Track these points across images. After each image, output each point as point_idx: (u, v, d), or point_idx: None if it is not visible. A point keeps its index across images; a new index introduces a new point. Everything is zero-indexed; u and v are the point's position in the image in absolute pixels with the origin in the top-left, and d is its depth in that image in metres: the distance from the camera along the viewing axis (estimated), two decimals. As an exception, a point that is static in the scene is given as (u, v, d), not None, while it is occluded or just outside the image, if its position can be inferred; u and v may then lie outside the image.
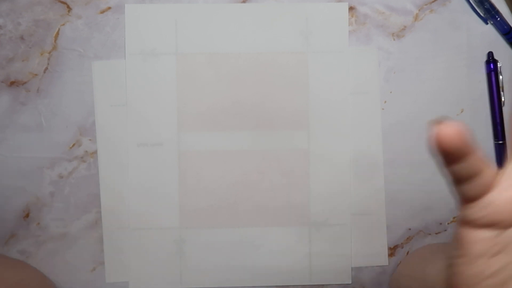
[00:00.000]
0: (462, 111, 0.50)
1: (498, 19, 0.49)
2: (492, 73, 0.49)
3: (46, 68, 0.49)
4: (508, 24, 0.49)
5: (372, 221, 0.50)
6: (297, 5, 0.49)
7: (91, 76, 0.49)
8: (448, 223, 0.50)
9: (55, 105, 0.49)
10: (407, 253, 0.50)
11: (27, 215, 0.49)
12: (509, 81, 0.50)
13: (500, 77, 0.49)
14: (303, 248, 0.49)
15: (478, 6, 0.49)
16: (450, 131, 0.25)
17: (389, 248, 0.50)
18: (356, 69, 0.50)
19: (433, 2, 0.50)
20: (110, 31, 0.49)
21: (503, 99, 0.49)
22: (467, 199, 0.27)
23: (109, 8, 0.49)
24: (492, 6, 0.49)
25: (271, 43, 0.49)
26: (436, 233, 0.50)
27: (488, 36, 0.50)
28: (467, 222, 0.28)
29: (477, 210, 0.27)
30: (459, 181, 0.27)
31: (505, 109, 0.49)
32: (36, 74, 0.49)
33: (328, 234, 0.50)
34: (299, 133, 0.49)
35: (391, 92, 0.50)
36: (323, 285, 0.50)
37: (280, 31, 0.49)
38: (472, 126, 0.50)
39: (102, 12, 0.49)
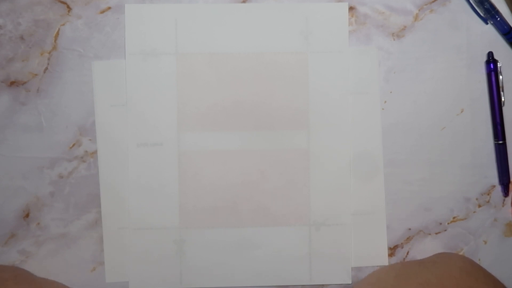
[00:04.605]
0: (462, 111, 0.50)
1: (498, 19, 0.49)
2: (492, 73, 0.49)
3: (46, 68, 0.49)
4: (508, 24, 0.49)
5: (372, 221, 0.50)
6: (297, 5, 0.49)
7: (91, 76, 0.49)
8: (448, 223, 0.50)
9: (55, 105, 0.49)
10: (407, 253, 0.50)
11: (27, 215, 0.49)
12: (509, 81, 0.50)
13: (500, 77, 0.49)
14: (303, 248, 0.49)
15: (478, 6, 0.49)
16: None
17: (389, 248, 0.50)
18: (356, 69, 0.50)
19: (433, 2, 0.50)
20: (110, 31, 0.49)
21: (503, 99, 0.49)
22: None
23: (109, 8, 0.49)
24: (492, 6, 0.49)
25: (271, 43, 0.49)
26: (436, 233, 0.50)
27: (488, 36, 0.50)
28: None
29: None
30: None
31: (505, 109, 0.49)
32: (36, 74, 0.49)
33: (328, 234, 0.50)
34: (299, 133, 0.49)
35: (391, 92, 0.50)
36: (323, 285, 0.50)
37: (280, 31, 0.49)
38: (472, 126, 0.50)
39: (102, 12, 0.49)
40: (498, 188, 0.50)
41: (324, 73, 0.49)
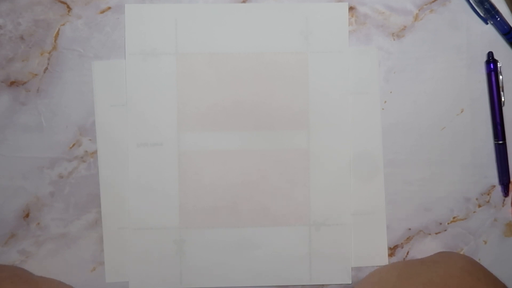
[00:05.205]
0: (462, 111, 0.50)
1: (498, 19, 0.49)
2: (492, 73, 0.49)
3: (46, 68, 0.49)
4: (508, 24, 0.49)
5: (372, 221, 0.50)
6: (297, 5, 0.49)
7: (91, 76, 0.49)
8: (448, 223, 0.50)
9: (55, 105, 0.49)
10: (407, 253, 0.50)
11: (27, 215, 0.49)
12: (509, 81, 0.50)
13: (500, 77, 0.49)
14: (303, 248, 0.49)
15: (478, 6, 0.49)
16: None
17: (389, 248, 0.50)
18: (356, 69, 0.50)
19: (433, 2, 0.50)
20: (110, 31, 0.49)
21: (503, 99, 0.49)
22: None
23: (109, 8, 0.49)
24: (492, 6, 0.49)
25: (271, 43, 0.49)
26: (436, 233, 0.50)
27: (488, 36, 0.50)
28: None
29: None
30: None
31: (505, 109, 0.49)
32: (36, 74, 0.49)
33: (328, 234, 0.50)
34: (299, 133, 0.49)
35: (391, 92, 0.50)
36: (323, 285, 0.50)
37: (280, 31, 0.49)
38: (472, 126, 0.50)
39: (102, 12, 0.49)
40: (498, 188, 0.50)
41: (324, 73, 0.49)
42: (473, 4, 0.49)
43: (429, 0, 0.50)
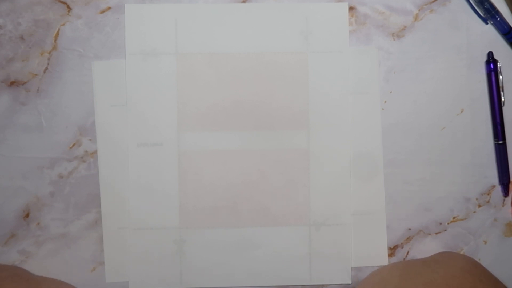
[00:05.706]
0: (462, 111, 0.50)
1: (498, 19, 0.49)
2: (492, 73, 0.49)
3: (46, 68, 0.49)
4: (508, 24, 0.49)
5: (372, 221, 0.50)
6: (297, 5, 0.49)
7: (91, 76, 0.49)
8: (448, 223, 0.50)
9: (55, 105, 0.49)
10: (407, 253, 0.50)
11: (27, 215, 0.49)
12: (509, 81, 0.50)
13: (500, 77, 0.49)
14: (303, 248, 0.49)
15: (478, 6, 0.49)
16: None
17: (389, 248, 0.50)
18: (356, 69, 0.50)
19: (433, 2, 0.50)
20: (110, 31, 0.49)
21: (503, 99, 0.49)
22: None
23: (109, 8, 0.49)
24: (492, 6, 0.49)
25: (271, 43, 0.49)
26: (436, 233, 0.50)
27: (488, 36, 0.50)
28: None
29: None
30: None
31: (505, 109, 0.49)
32: (36, 74, 0.49)
33: (328, 234, 0.50)
34: (299, 133, 0.49)
35: (391, 92, 0.50)
36: (323, 285, 0.50)
37: (280, 31, 0.49)
38: (472, 126, 0.50)
39: (102, 12, 0.49)
40: (498, 188, 0.50)
41: (324, 73, 0.49)
42: (473, 4, 0.49)
43: (429, 0, 0.50)
